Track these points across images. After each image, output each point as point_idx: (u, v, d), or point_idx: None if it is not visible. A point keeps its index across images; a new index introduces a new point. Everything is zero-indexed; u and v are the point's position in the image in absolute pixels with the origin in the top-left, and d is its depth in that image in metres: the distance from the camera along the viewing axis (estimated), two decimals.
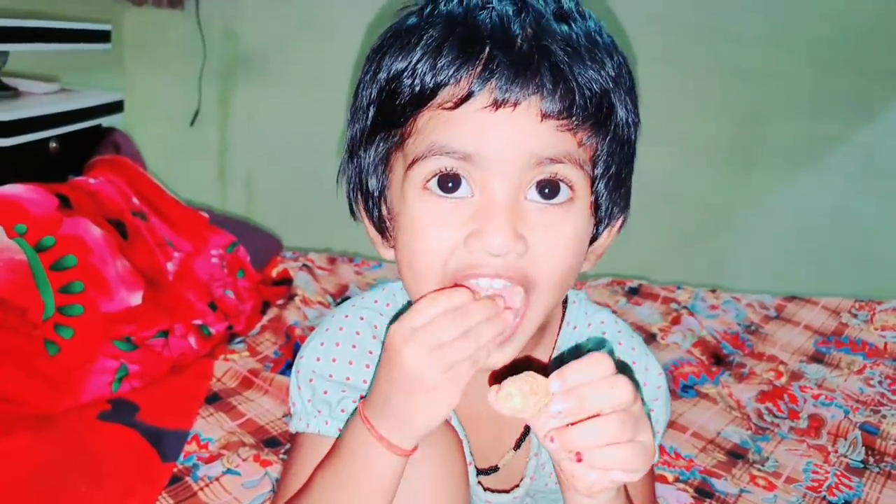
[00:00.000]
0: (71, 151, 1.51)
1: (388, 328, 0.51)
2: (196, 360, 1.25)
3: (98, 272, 1.19)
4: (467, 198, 0.52)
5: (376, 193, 0.59)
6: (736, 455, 1.13)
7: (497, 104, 0.50)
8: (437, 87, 0.51)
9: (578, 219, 0.54)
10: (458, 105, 0.51)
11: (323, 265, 1.67)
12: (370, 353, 0.63)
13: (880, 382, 1.35)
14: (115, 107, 1.66)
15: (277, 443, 1.07)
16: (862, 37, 1.83)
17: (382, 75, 0.55)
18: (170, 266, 1.38)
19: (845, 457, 1.14)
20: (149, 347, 1.20)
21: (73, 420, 1.05)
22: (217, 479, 0.96)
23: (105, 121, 1.64)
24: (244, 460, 0.99)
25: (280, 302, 1.47)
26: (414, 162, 0.53)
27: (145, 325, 1.21)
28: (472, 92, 0.50)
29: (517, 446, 0.66)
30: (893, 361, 1.41)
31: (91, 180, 1.38)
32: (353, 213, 0.63)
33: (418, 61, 0.52)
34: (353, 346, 0.63)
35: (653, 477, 0.74)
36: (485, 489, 0.66)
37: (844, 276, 1.90)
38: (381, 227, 0.60)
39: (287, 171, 2.08)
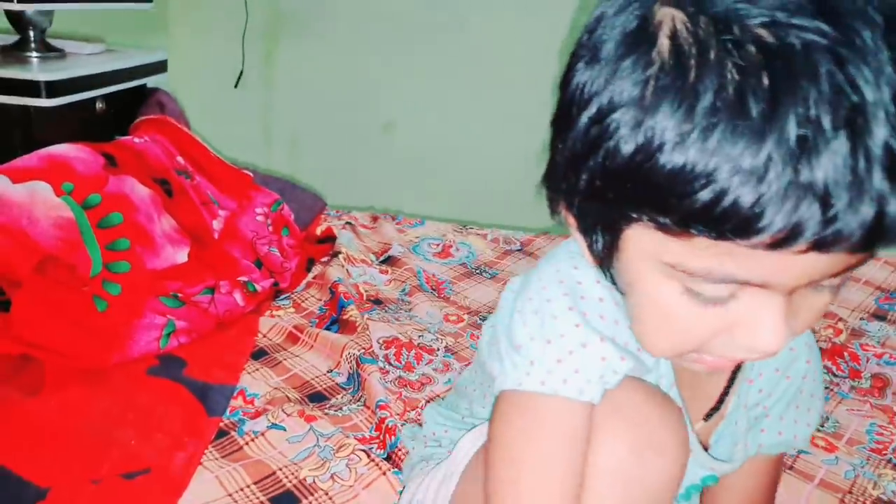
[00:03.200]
0: (117, 111, 1.52)
1: None
2: (242, 316, 1.26)
3: (143, 229, 1.20)
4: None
5: (600, 239, 0.48)
6: None
7: (815, 248, 0.38)
8: (760, 233, 0.38)
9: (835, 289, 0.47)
10: (770, 248, 0.38)
11: (366, 223, 1.66)
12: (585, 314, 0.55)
13: None
14: (160, 66, 1.66)
15: (322, 398, 1.07)
16: None
17: (661, 156, 0.38)
18: (215, 224, 1.39)
19: None
20: (195, 304, 1.21)
21: (124, 374, 1.07)
22: (262, 433, 0.97)
23: (150, 81, 1.65)
24: (289, 415, 1.00)
25: (324, 259, 1.47)
26: (682, 270, 0.43)
27: (191, 282, 1.22)
28: (797, 237, 0.37)
29: (707, 417, 0.64)
30: None
31: (136, 140, 1.39)
32: (552, 210, 0.52)
33: (740, 189, 0.37)
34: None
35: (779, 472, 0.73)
36: None
37: None
38: (599, 254, 0.49)
39: (331, 130, 2.07)
